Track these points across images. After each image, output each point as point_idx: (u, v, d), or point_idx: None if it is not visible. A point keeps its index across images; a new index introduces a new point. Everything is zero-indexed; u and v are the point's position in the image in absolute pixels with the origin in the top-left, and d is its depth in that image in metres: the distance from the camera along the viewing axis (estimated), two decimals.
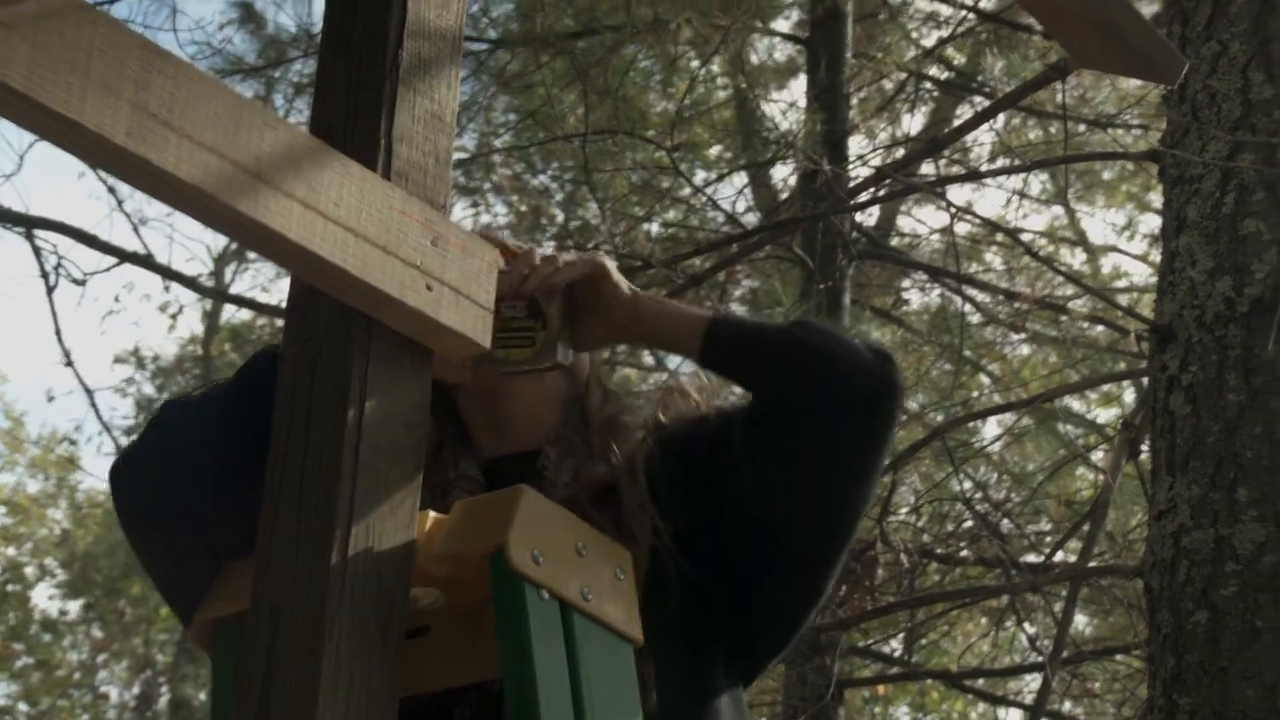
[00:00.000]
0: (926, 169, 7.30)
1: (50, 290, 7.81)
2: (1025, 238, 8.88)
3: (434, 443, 2.05)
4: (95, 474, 17.74)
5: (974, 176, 6.32)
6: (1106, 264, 10.17)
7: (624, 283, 2.02)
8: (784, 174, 9.19)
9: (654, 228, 8.07)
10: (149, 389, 16.05)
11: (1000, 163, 8.03)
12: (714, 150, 9.40)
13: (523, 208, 8.92)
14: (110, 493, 2.00)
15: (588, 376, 2.18)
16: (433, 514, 1.71)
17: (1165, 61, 2.29)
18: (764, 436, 2.00)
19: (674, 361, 8.60)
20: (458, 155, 7.94)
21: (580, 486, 2.03)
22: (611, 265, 2.03)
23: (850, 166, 7.46)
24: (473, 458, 2.07)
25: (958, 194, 9.42)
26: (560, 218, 8.85)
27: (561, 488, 2.02)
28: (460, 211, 8.58)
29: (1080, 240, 9.93)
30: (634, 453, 2.07)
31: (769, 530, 2.03)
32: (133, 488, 1.97)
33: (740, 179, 9.20)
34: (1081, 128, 8.01)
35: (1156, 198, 7.32)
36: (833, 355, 1.99)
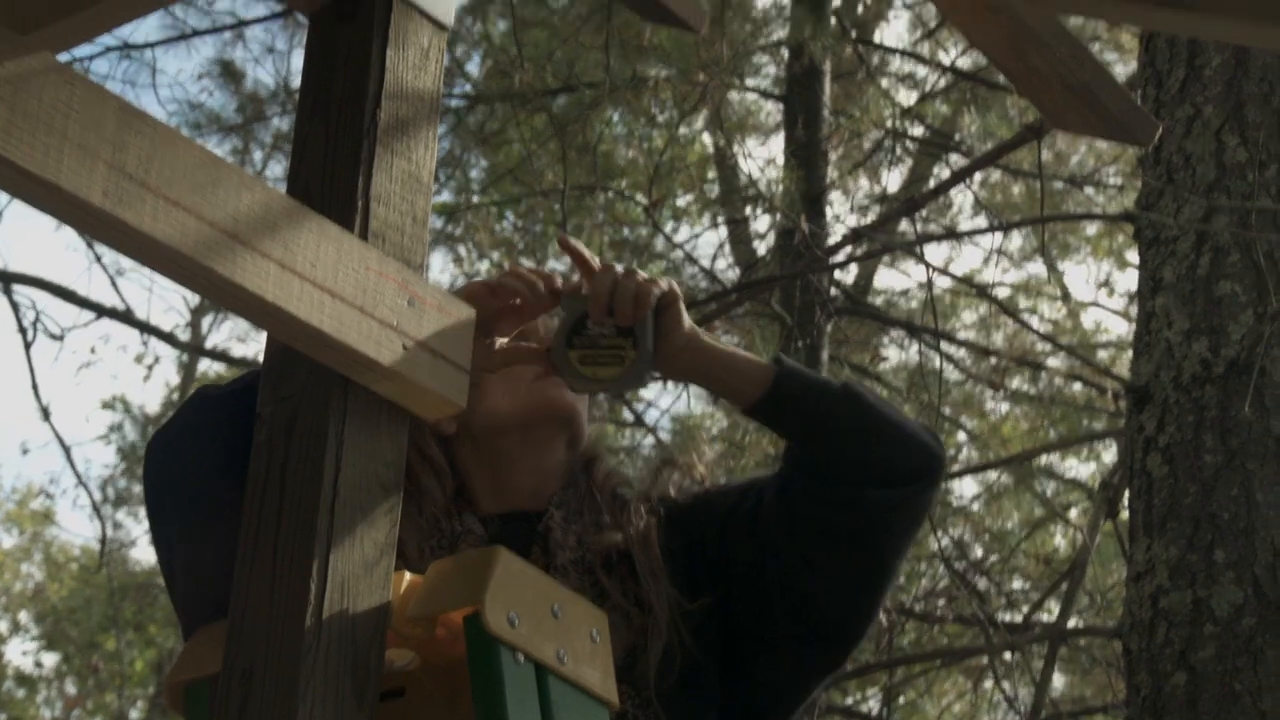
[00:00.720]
0: (905, 226, 7.34)
1: (28, 345, 7.78)
2: (1005, 293, 8.91)
3: (447, 493, 2.04)
4: (70, 529, 17.64)
5: (951, 235, 6.35)
6: (1088, 318, 10.21)
7: (686, 315, 2.00)
8: (763, 228, 9.24)
9: None
10: (134, 435, 15.97)
11: (979, 221, 8.08)
12: (693, 205, 9.43)
13: (503, 263, 8.94)
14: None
15: (595, 446, 2.18)
16: (408, 575, 1.70)
17: (1139, 125, 2.31)
18: (805, 502, 1.97)
19: (652, 416, 8.59)
20: (441, 206, 7.96)
21: (592, 551, 2.02)
22: (680, 294, 2.01)
23: (828, 224, 7.49)
24: (473, 512, 2.07)
25: (936, 251, 9.46)
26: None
27: (569, 550, 2.01)
28: (439, 260, 8.59)
29: (1063, 295, 9.97)
30: (647, 524, 2.06)
31: (798, 603, 1.99)
32: (151, 469, 1.96)
33: (720, 234, 9.24)
34: (1059, 185, 8.06)
35: (1135, 254, 7.37)
36: (895, 424, 1.97)
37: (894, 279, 10.10)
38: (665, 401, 9.27)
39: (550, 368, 1.99)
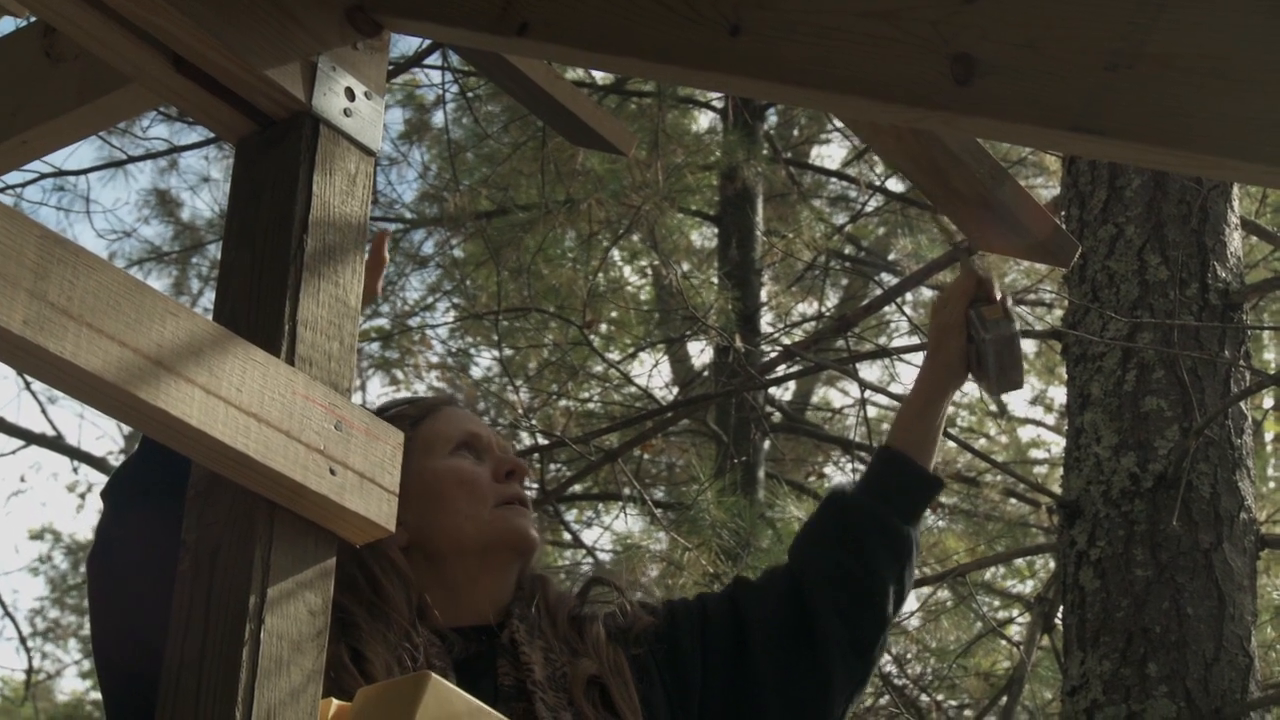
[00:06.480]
0: (839, 344, 7.38)
1: None
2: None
3: (412, 605, 2.02)
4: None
5: (882, 353, 6.41)
6: (1026, 433, 10.28)
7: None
8: (701, 347, 9.28)
9: (571, 403, 8.10)
10: (64, 565, 15.68)
11: (915, 338, 8.15)
12: (629, 325, 9.46)
13: (440, 384, 8.93)
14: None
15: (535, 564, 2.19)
16: (335, 702, 1.68)
17: (1060, 246, 2.34)
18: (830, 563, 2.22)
19: (589, 536, 8.55)
20: (376, 330, 7.95)
21: (572, 680, 2.03)
22: None
23: (761, 342, 7.54)
24: (429, 625, 2.05)
25: (871, 369, 9.52)
26: (480, 394, 8.87)
27: (539, 666, 2.01)
28: (378, 386, 8.57)
29: (1000, 410, 10.03)
30: (616, 652, 2.08)
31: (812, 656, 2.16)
32: (93, 578, 1.93)
33: (658, 352, 9.27)
34: None
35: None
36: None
37: (833, 395, 10.15)
38: (604, 520, 9.23)
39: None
